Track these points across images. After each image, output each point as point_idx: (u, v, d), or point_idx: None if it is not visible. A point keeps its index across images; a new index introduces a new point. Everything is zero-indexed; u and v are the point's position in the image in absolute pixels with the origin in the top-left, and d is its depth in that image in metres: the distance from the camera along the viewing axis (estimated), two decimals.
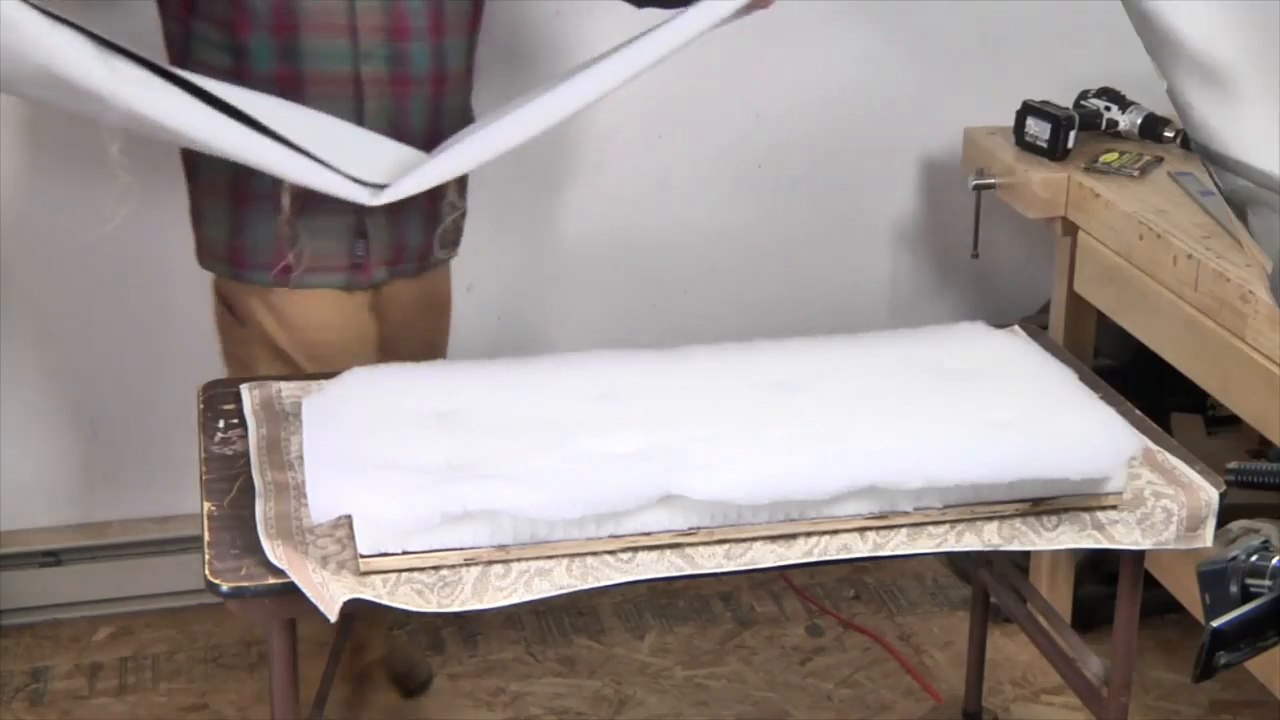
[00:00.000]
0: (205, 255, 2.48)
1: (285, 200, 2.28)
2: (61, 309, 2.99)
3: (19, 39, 1.95)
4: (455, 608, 1.88)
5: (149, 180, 2.98)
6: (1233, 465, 1.65)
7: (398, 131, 2.34)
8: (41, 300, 2.97)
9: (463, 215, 2.50)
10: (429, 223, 2.44)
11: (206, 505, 1.96)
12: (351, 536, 1.86)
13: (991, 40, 3.24)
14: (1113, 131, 2.90)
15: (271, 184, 2.27)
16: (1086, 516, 2.04)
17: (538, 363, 2.17)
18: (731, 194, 3.23)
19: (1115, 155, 2.81)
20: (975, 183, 2.89)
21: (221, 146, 2.13)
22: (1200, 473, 2.11)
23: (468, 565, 1.87)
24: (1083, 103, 2.92)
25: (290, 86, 2.28)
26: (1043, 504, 2.02)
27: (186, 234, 2.99)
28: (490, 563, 1.88)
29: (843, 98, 3.21)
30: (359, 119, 2.31)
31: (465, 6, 2.41)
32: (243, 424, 2.15)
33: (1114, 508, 2.04)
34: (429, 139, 2.37)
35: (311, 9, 2.26)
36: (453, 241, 2.51)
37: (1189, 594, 2.54)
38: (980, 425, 2.02)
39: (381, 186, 2.19)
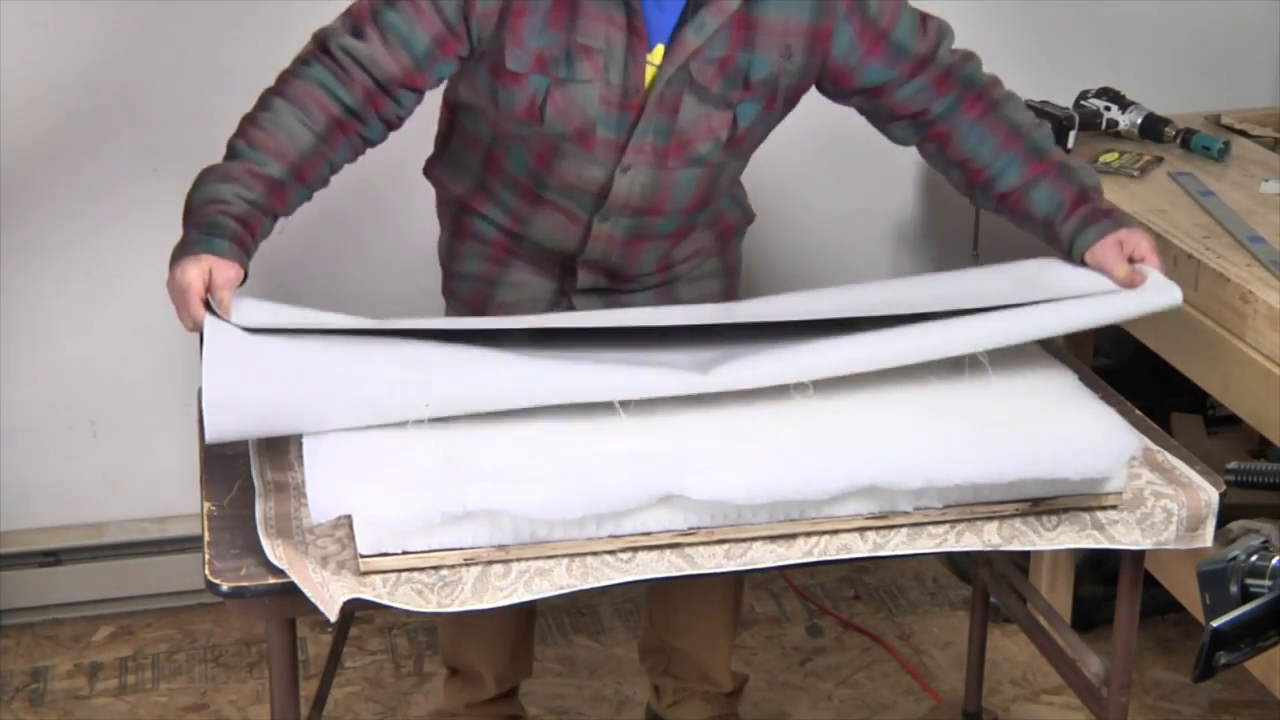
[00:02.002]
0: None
1: (491, 247, 2.33)
2: (61, 309, 2.99)
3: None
4: (455, 608, 1.87)
5: (150, 181, 3.00)
6: (1233, 465, 1.66)
7: (618, 269, 2.32)
8: (42, 300, 2.97)
9: (727, 280, 2.46)
10: (662, 291, 2.39)
11: (206, 505, 1.96)
12: (351, 536, 1.86)
13: (992, 40, 3.23)
14: (1113, 131, 2.90)
15: (490, 225, 2.32)
16: (1086, 516, 2.04)
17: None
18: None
19: (1115, 155, 2.81)
20: None
21: (540, 394, 1.98)
22: (1200, 473, 2.11)
23: (468, 565, 1.87)
24: (1083, 103, 2.92)
25: (528, 199, 2.27)
26: (1043, 504, 2.01)
27: None
28: (490, 563, 1.88)
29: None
30: (578, 250, 2.28)
31: (740, 166, 2.35)
32: None
33: (1114, 508, 2.04)
34: (657, 271, 2.36)
35: (569, 170, 2.20)
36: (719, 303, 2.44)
37: (1189, 594, 2.54)
38: (980, 425, 2.02)
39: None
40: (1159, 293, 2.12)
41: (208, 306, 1.94)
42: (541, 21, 2.08)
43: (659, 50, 2.12)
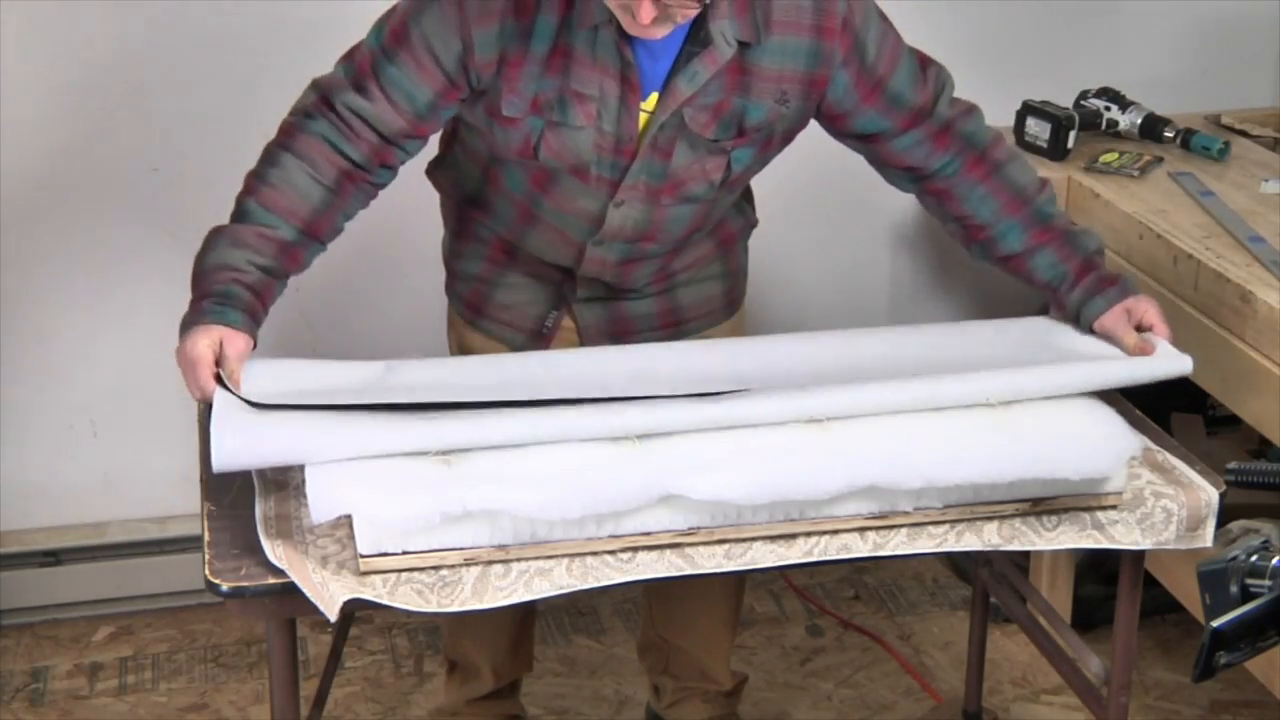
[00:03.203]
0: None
1: (490, 249, 2.33)
2: (61, 309, 2.99)
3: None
4: (455, 608, 1.88)
5: (150, 181, 3.00)
6: (1233, 465, 1.66)
7: (615, 284, 2.30)
8: (41, 300, 2.97)
9: (728, 282, 2.44)
10: (662, 296, 2.38)
11: (206, 505, 1.96)
12: (351, 536, 1.86)
13: (991, 40, 3.24)
14: (1113, 131, 2.90)
15: (489, 230, 2.32)
16: (1086, 516, 2.04)
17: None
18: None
19: (1115, 155, 2.81)
20: None
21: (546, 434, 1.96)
22: (1200, 473, 2.11)
23: (468, 565, 1.87)
24: (1083, 103, 2.92)
25: (525, 216, 2.26)
26: (1043, 504, 2.01)
27: (186, 234, 3.00)
28: (490, 563, 1.88)
29: None
30: (574, 265, 2.27)
31: (735, 196, 2.34)
32: None
33: (1114, 508, 2.04)
34: (655, 280, 2.34)
35: (564, 198, 2.19)
36: (721, 307, 2.44)
37: (1189, 594, 2.54)
38: (980, 425, 2.02)
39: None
40: (1170, 361, 2.14)
41: (217, 379, 1.96)
42: (538, 70, 2.07)
43: (653, 98, 2.11)
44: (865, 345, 2.21)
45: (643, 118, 2.11)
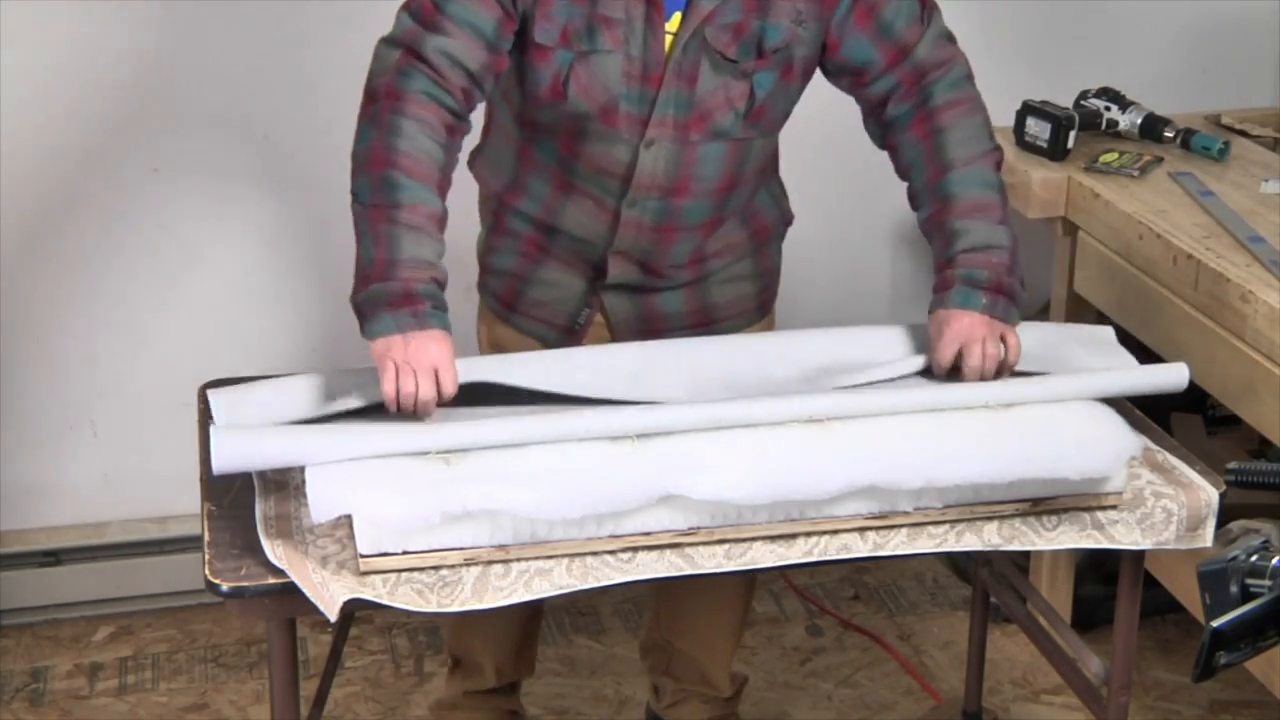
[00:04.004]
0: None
1: (524, 244, 2.33)
2: (61, 309, 2.99)
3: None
4: (455, 608, 1.88)
5: (150, 181, 3.00)
6: (1233, 465, 1.66)
7: (649, 261, 2.30)
8: (42, 300, 2.97)
9: (761, 282, 2.43)
10: (694, 293, 2.37)
11: (206, 505, 1.96)
12: (351, 536, 1.86)
13: (991, 40, 3.23)
14: (1113, 131, 2.90)
15: (524, 221, 2.32)
16: (1086, 516, 2.04)
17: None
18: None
19: (1115, 155, 2.81)
20: None
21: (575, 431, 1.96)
22: (1200, 473, 2.11)
23: (468, 565, 1.87)
24: (1083, 103, 2.92)
25: (559, 186, 2.27)
26: (1043, 504, 2.01)
27: (186, 234, 3.00)
28: (490, 563, 1.88)
29: (844, 97, 3.20)
30: (608, 241, 2.27)
31: (769, 159, 2.35)
32: None
33: (1114, 508, 2.04)
34: (689, 265, 2.33)
35: (594, 151, 2.21)
36: (753, 308, 2.43)
37: (1189, 594, 2.54)
38: (980, 425, 2.02)
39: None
40: (1167, 373, 2.15)
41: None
42: None
43: (676, 18, 2.14)
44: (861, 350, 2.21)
45: (667, 41, 2.14)
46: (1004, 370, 2.10)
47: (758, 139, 2.26)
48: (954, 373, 2.11)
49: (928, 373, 2.13)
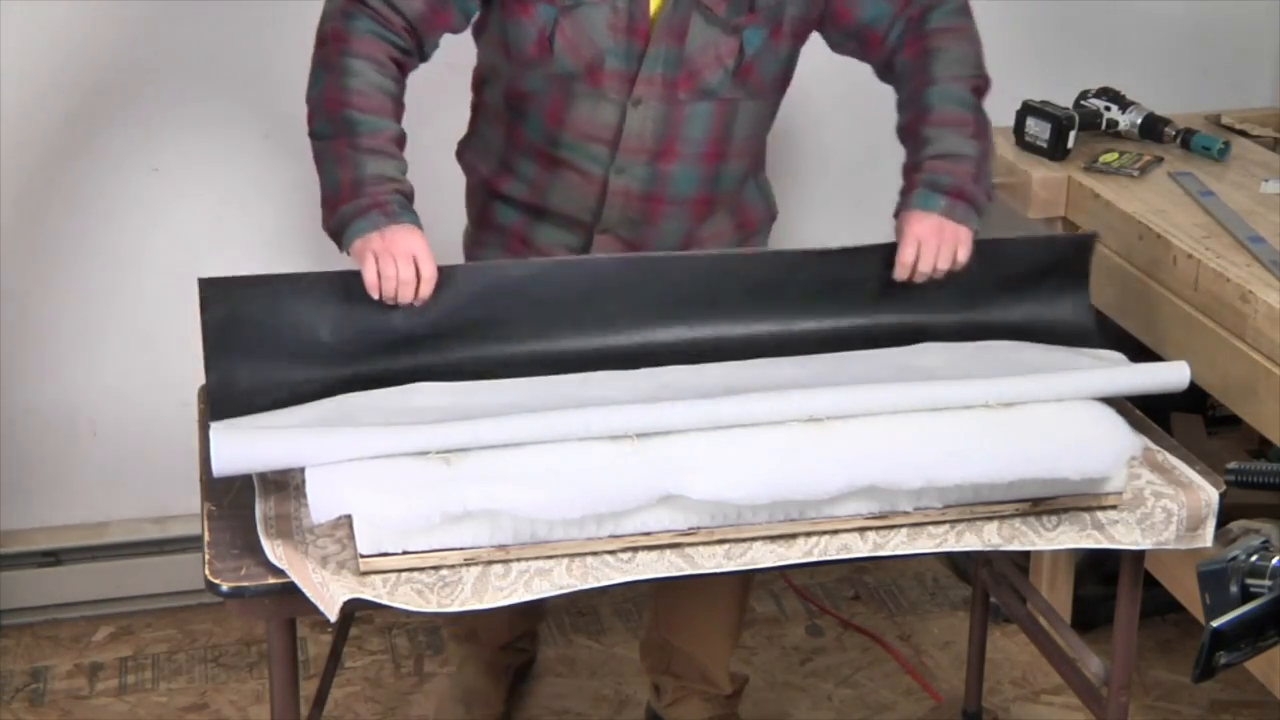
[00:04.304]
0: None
1: (510, 239, 2.35)
2: (61, 309, 2.99)
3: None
4: (455, 608, 1.88)
5: (150, 181, 3.00)
6: (1233, 465, 1.66)
7: (636, 241, 2.31)
8: (42, 300, 2.97)
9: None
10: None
11: (206, 505, 1.96)
12: (351, 536, 1.86)
13: (991, 40, 3.23)
14: (1113, 131, 2.90)
15: (511, 211, 2.34)
16: (1086, 516, 2.04)
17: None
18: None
19: (1115, 155, 2.81)
20: None
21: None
22: (1200, 473, 2.11)
23: (468, 565, 1.87)
24: (1083, 103, 2.92)
25: (546, 164, 2.29)
26: (1043, 504, 2.02)
27: (187, 234, 3.00)
28: (490, 563, 1.88)
29: (843, 97, 3.20)
30: (596, 218, 2.29)
31: (757, 134, 2.35)
32: None
33: (1114, 508, 2.04)
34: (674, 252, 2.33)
35: (580, 115, 2.23)
36: None
37: (1189, 594, 2.54)
38: (980, 425, 2.02)
39: None
40: (1168, 372, 2.16)
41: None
42: None
43: None
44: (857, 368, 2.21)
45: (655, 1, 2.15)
46: (951, 270, 2.21)
47: (744, 100, 2.26)
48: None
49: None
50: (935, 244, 2.19)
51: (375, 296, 2.06)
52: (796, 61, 2.34)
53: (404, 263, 2.05)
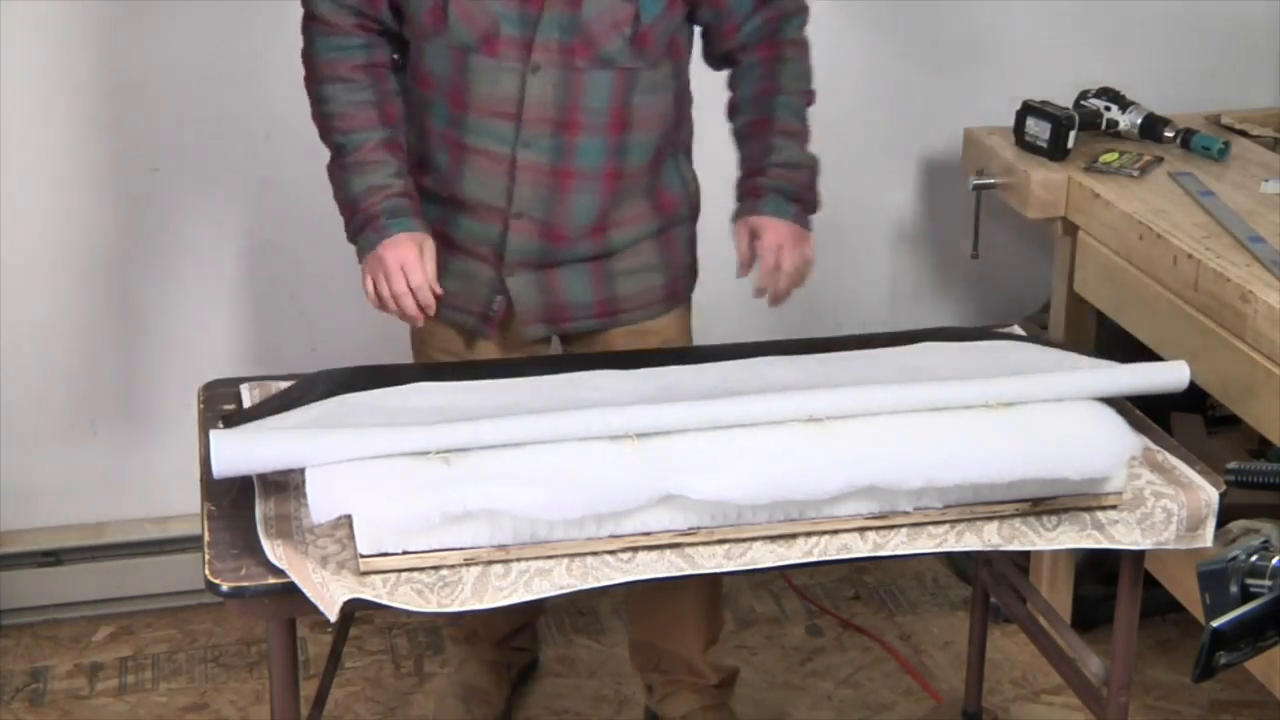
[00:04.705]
0: None
1: (436, 214, 2.36)
2: (61, 309, 2.99)
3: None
4: (455, 608, 1.88)
5: (150, 181, 3.00)
6: (1233, 465, 1.66)
7: (550, 222, 2.32)
8: (41, 300, 2.97)
9: (668, 274, 2.46)
10: (599, 282, 2.40)
11: (206, 505, 1.96)
12: (351, 536, 1.86)
13: (991, 40, 3.24)
14: (1113, 131, 2.90)
15: (429, 213, 2.35)
16: (1086, 516, 2.04)
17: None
18: (732, 194, 3.23)
19: (1115, 155, 2.81)
20: (975, 183, 2.89)
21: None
22: (1200, 473, 2.11)
23: (468, 565, 1.87)
24: (1083, 103, 2.92)
25: (455, 152, 2.31)
26: (1043, 504, 2.01)
27: (187, 234, 3.00)
28: (490, 563, 1.88)
29: (843, 97, 3.20)
30: (509, 200, 2.31)
31: (659, 103, 2.34)
32: None
33: (1114, 508, 2.04)
34: (592, 232, 2.35)
35: (481, 91, 2.25)
36: (660, 299, 2.46)
37: (1189, 594, 2.54)
38: (980, 425, 2.02)
39: None
40: (1168, 372, 2.16)
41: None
42: None
43: None
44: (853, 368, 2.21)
45: None
46: (802, 276, 2.39)
47: (644, 70, 2.28)
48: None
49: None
50: (791, 248, 2.36)
51: (377, 307, 2.28)
52: (692, 31, 2.39)
53: (395, 278, 2.25)
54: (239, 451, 1.88)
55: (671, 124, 2.38)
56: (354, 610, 1.86)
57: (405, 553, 1.84)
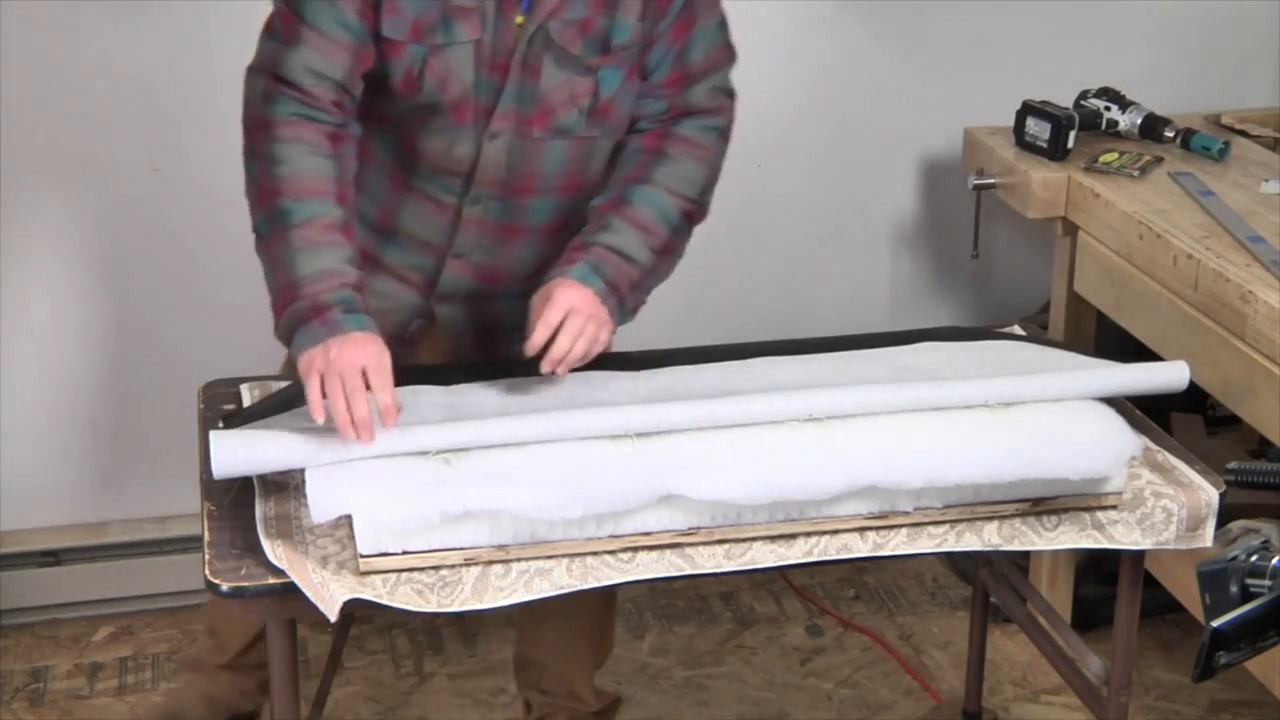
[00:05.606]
0: None
1: (363, 236, 2.21)
2: (61, 309, 2.99)
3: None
4: (455, 608, 1.88)
5: (150, 181, 3.00)
6: (1233, 465, 1.66)
7: (490, 266, 2.24)
8: (42, 300, 2.97)
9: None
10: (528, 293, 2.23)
11: (206, 505, 1.96)
12: (351, 536, 1.86)
13: (991, 40, 3.24)
14: (1113, 131, 2.90)
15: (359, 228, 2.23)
16: (1086, 516, 2.04)
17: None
18: (731, 194, 3.23)
19: (1115, 155, 2.81)
20: (975, 183, 2.89)
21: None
22: (1200, 473, 2.11)
23: (468, 565, 1.87)
24: (1083, 103, 2.92)
25: (398, 184, 2.22)
26: (1043, 504, 2.02)
27: (185, 234, 3.00)
28: (490, 563, 1.88)
29: (843, 97, 3.21)
30: (449, 242, 2.22)
31: (609, 149, 2.24)
32: None
33: (1114, 508, 2.04)
34: (529, 277, 2.24)
35: (437, 147, 2.16)
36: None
37: (1189, 594, 2.54)
38: (980, 425, 2.02)
39: None
40: (1168, 372, 2.16)
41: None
42: None
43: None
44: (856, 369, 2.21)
45: (517, 34, 2.10)
46: (589, 344, 2.06)
47: (602, 139, 2.21)
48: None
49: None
50: (584, 316, 2.05)
51: (320, 420, 1.89)
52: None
53: (351, 379, 1.89)
54: (239, 452, 1.88)
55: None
56: (354, 610, 1.86)
57: (405, 553, 1.84)
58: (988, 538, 2.01)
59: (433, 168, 2.18)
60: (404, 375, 2.03)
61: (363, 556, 1.84)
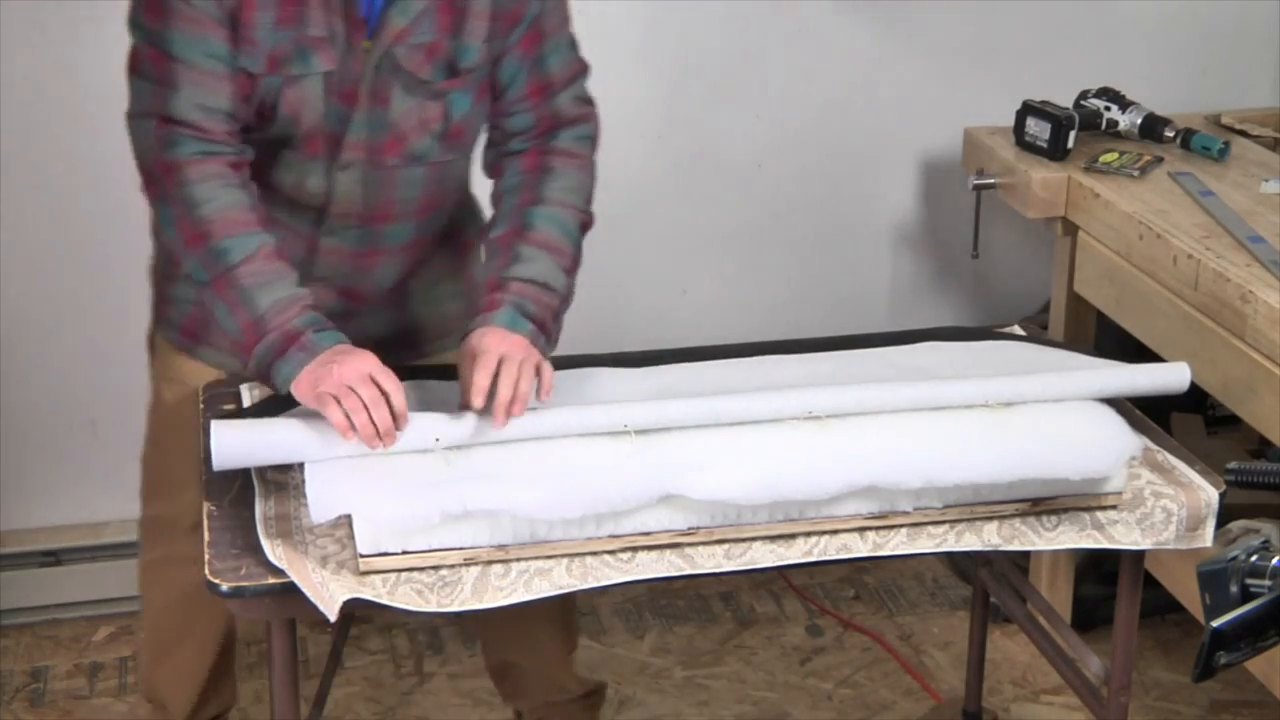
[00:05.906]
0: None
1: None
2: (61, 309, 2.99)
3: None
4: (455, 608, 1.88)
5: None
6: (1233, 465, 1.66)
7: (351, 288, 2.20)
8: (42, 300, 2.97)
9: (468, 299, 2.25)
10: (401, 314, 2.27)
11: (206, 505, 1.96)
12: (351, 536, 1.86)
13: (991, 40, 3.24)
14: (1113, 131, 2.90)
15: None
16: (1086, 516, 2.04)
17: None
18: (731, 194, 3.23)
19: (1115, 155, 2.81)
20: (975, 183, 2.89)
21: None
22: (1200, 473, 2.11)
23: (467, 565, 1.87)
24: (1083, 103, 2.92)
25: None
26: (1043, 504, 2.01)
27: None
28: (490, 562, 1.88)
29: (843, 98, 3.21)
30: (308, 270, 2.13)
31: (466, 176, 2.25)
32: None
33: (1114, 508, 2.04)
34: (392, 291, 2.24)
35: (288, 181, 2.12)
36: (461, 328, 2.15)
37: (1189, 594, 2.54)
38: (980, 425, 2.02)
39: None
40: (1169, 373, 2.16)
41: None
42: (272, 19, 2.00)
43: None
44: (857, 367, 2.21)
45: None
46: (528, 394, 1.97)
47: (458, 160, 2.19)
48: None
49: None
50: (519, 360, 1.96)
51: (351, 440, 1.87)
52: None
53: (366, 389, 1.87)
54: (238, 442, 1.88)
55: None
56: (354, 610, 1.86)
57: (405, 552, 1.84)
58: (987, 538, 2.01)
59: (284, 201, 2.13)
60: (405, 374, 2.04)
61: (362, 556, 1.84)
